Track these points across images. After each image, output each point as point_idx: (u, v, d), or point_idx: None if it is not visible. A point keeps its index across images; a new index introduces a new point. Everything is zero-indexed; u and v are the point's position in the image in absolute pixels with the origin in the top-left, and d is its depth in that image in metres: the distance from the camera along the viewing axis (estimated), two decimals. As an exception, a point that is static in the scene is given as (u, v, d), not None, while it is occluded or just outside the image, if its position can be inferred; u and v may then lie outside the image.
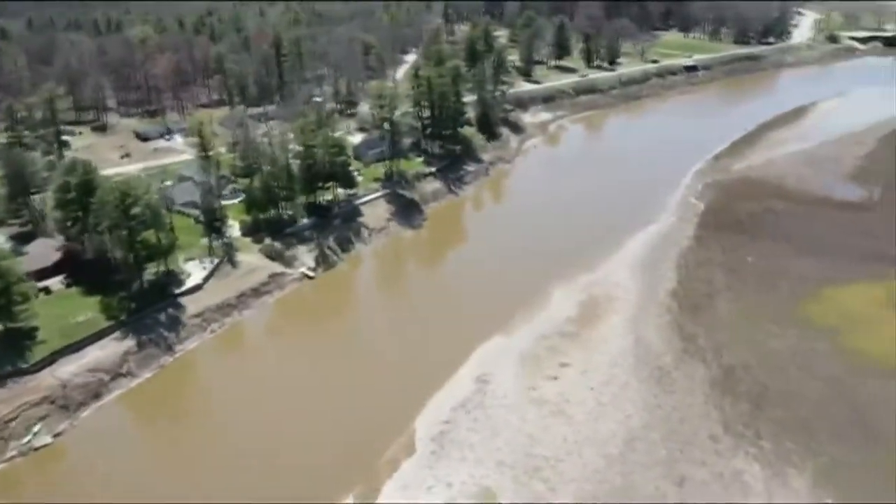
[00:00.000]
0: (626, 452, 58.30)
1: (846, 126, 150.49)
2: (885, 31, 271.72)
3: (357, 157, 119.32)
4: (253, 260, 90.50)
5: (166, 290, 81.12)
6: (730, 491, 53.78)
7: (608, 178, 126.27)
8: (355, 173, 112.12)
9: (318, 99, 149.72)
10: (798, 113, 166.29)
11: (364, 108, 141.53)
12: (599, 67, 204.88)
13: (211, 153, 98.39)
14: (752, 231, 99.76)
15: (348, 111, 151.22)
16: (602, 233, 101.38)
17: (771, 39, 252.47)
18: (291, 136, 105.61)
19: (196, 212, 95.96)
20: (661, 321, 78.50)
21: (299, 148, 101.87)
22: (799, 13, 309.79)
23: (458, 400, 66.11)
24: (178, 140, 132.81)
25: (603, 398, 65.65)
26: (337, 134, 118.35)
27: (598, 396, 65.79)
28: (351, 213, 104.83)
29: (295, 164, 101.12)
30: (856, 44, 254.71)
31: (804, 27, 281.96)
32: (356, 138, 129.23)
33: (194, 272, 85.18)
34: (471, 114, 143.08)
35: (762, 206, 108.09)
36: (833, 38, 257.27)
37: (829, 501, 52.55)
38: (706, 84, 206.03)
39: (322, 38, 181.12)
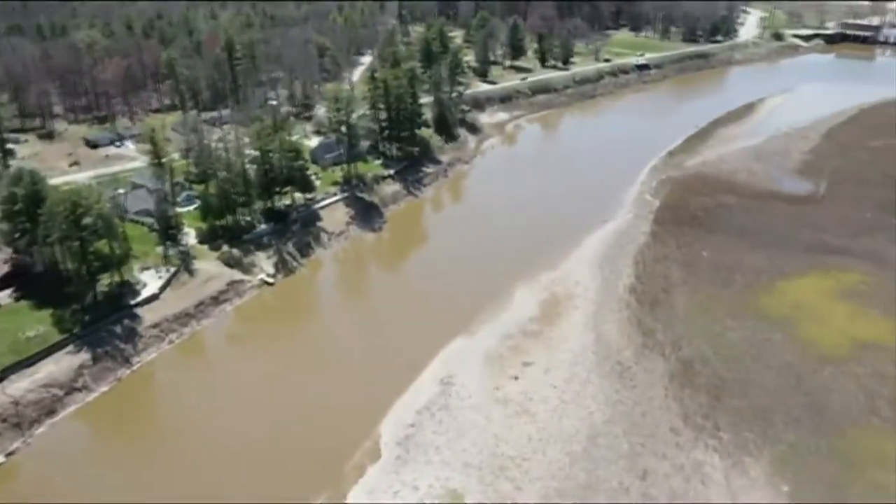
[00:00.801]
0: (589, 448, 59.09)
1: (792, 121, 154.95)
2: (826, 29, 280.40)
3: (314, 161, 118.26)
4: (211, 268, 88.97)
5: (121, 301, 79.17)
6: (691, 482, 54.95)
7: (566, 176, 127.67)
8: (313, 177, 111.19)
9: (273, 102, 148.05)
10: (747, 109, 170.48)
11: (320, 111, 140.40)
12: (554, 67, 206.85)
13: (164, 160, 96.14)
14: (706, 226, 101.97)
15: (304, 114, 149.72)
16: (561, 231, 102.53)
17: (719, 38, 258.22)
18: (247, 140, 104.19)
19: (150, 220, 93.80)
20: (620, 317, 79.75)
21: (255, 153, 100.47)
22: (745, 11, 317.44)
23: (422, 402, 66.11)
24: (130, 146, 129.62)
25: (566, 396, 66.39)
26: (293, 138, 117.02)
27: (561, 394, 66.50)
28: (310, 218, 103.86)
29: (251, 170, 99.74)
30: (799, 41, 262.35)
31: (750, 25, 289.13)
32: (313, 142, 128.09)
33: (150, 282, 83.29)
34: (428, 115, 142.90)
35: (715, 202, 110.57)
36: (778, 36, 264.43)
37: (786, 488, 54.04)
38: (658, 82, 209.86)
39: (276, 41, 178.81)
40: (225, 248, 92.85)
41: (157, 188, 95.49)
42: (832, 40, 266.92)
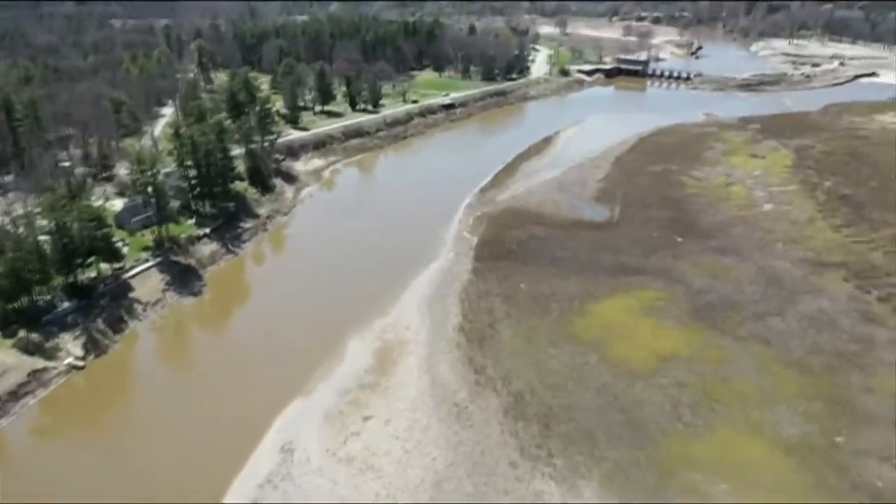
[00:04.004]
0: (436, 496, 60.34)
1: (586, 151, 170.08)
2: (605, 64, 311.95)
3: (120, 226, 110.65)
4: (6, 358, 79.64)
5: None
6: (533, 513, 58.02)
7: (387, 218, 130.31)
8: (120, 244, 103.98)
9: (65, 164, 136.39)
10: (546, 142, 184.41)
11: (122, 170, 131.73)
12: (364, 110, 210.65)
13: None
14: (521, 258, 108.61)
15: (104, 174, 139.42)
16: (388, 275, 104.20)
17: (514, 75, 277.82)
18: (38, 210, 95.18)
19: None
20: (452, 357, 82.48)
21: (50, 224, 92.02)
22: (535, 49, 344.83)
23: (263, 475, 63.82)
24: None
25: (408, 444, 67.36)
26: (95, 202, 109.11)
27: (403, 444, 67.35)
28: (120, 290, 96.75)
29: (46, 243, 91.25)
30: (583, 76, 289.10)
31: (540, 62, 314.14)
32: (117, 204, 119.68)
33: (-70, 385, 73.06)
34: (241, 167, 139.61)
35: (527, 234, 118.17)
36: (565, 72, 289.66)
37: (615, 502, 58.84)
38: (464, 120, 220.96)
39: (63, 96, 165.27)
40: (22, 333, 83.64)
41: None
42: (610, 74, 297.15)
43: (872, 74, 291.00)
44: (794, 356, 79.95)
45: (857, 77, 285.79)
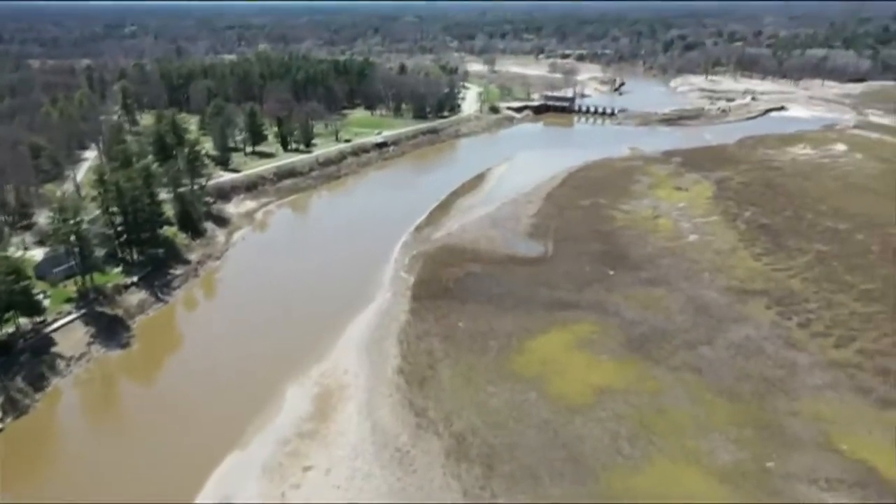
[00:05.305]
0: (380, 546, 59.23)
1: (517, 187, 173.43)
2: (533, 100, 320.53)
3: (41, 277, 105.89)
4: (-86, 425, 74.62)
5: None
6: (479, 558, 57.48)
7: (323, 260, 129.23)
8: (41, 296, 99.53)
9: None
10: (478, 179, 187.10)
11: (43, 218, 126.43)
12: (297, 150, 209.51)
13: None
14: (458, 296, 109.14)
15: (22, 223, 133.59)
16: (325, 318, 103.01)
17: (445, 113, 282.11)
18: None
19: None
20: (392, 401, 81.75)
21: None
22: (465, 87, 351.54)
23: (199, 536, 61.41)
24: None
25: (350, 494, 66.11)
26: (13, 253, 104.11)
27: (345, 494, 66.05)
28: (41, 345, 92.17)
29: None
30: (513, 113, 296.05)
31: (471, 100, 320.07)
32: (37, 254, 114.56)
33: None
34: (170, 212, 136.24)
35: (464, 271, 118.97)
36: (495, 109, 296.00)
37: (560, 542, 59.02)
38: (398, 158, 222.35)
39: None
40: (-68, 397, 78.73)
41: None
42: (539, 111, 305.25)
43: (782, 108, 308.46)
44: (724, 384, 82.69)
45: (768, 111, 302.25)
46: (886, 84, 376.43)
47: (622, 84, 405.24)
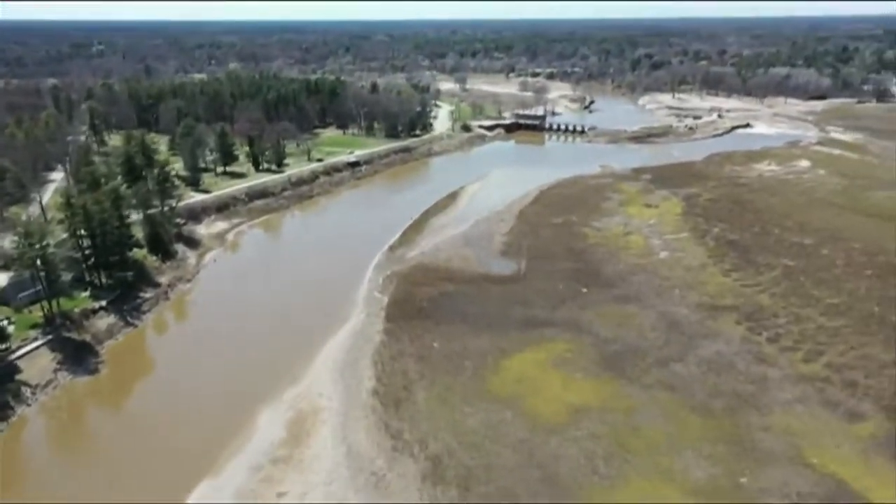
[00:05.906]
0: (357, 574, 58.46)
1: (490, 206, 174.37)
2: (504, 119, 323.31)
3: (5, 303, 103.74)
4: None
5: None
6: (457, 582, 57.00)
7: (295, 280, 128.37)
8: (5, 322, 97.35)
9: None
10: (451, 198, 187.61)
11: (7, 242, 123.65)
12: (268, 170, 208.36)
13: None
14: (433, 316, 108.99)
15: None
16: (299, 340, 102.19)
17: (417, 132, 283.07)
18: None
19: None
20: (368, 423, 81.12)
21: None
22: (436, 105, 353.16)
23: (171, 568, 60.05)
24: None
25: (326, 520, 65.27)
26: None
27: (320, 520, 65.19)
28: (5, 372, 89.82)
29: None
30: (485, 131, 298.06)
31: (443, 118, 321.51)
32: (1, 279, 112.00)
33: None
34: (139, 234, 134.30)
35: (438, 291, 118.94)
36: (467, 128, 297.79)
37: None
38: (370, 177, 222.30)
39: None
40: None
41: None
42: (510, 129, 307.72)
43: (747, 126, 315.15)
44: (696, 400, 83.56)
45: (734, 128, 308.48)
46: (846, 101, 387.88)
47: (592, 102, 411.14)
